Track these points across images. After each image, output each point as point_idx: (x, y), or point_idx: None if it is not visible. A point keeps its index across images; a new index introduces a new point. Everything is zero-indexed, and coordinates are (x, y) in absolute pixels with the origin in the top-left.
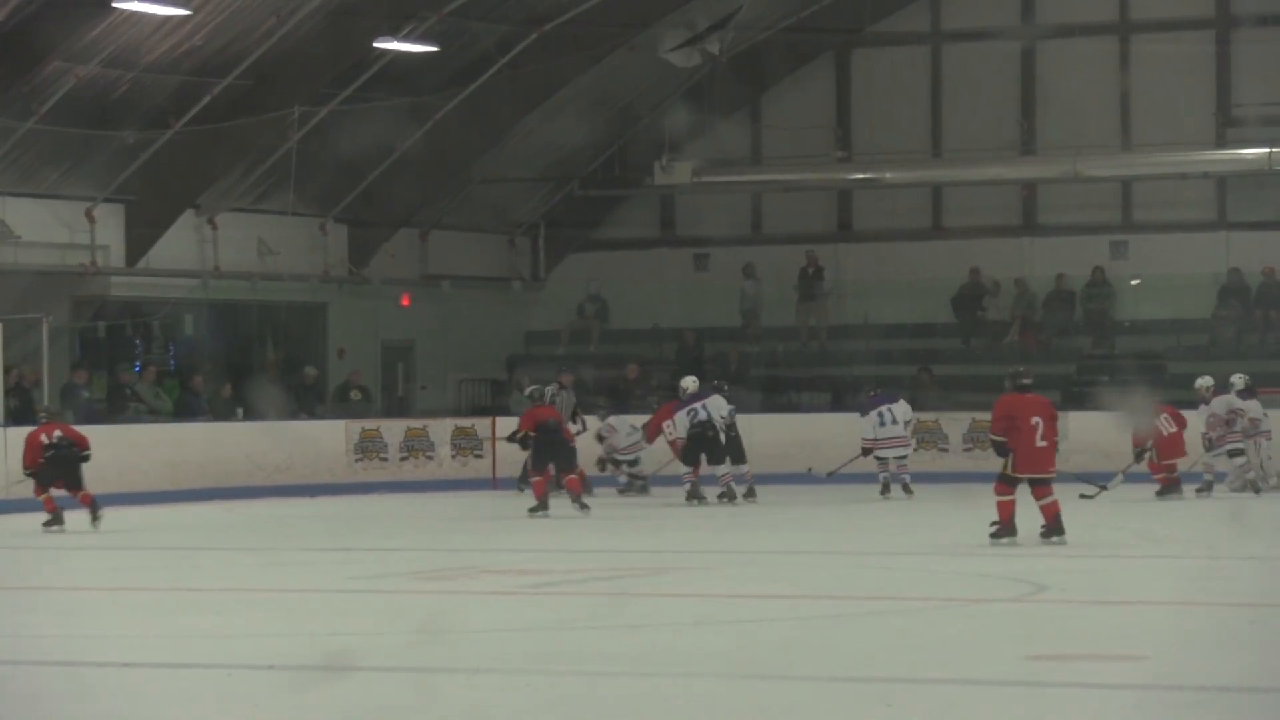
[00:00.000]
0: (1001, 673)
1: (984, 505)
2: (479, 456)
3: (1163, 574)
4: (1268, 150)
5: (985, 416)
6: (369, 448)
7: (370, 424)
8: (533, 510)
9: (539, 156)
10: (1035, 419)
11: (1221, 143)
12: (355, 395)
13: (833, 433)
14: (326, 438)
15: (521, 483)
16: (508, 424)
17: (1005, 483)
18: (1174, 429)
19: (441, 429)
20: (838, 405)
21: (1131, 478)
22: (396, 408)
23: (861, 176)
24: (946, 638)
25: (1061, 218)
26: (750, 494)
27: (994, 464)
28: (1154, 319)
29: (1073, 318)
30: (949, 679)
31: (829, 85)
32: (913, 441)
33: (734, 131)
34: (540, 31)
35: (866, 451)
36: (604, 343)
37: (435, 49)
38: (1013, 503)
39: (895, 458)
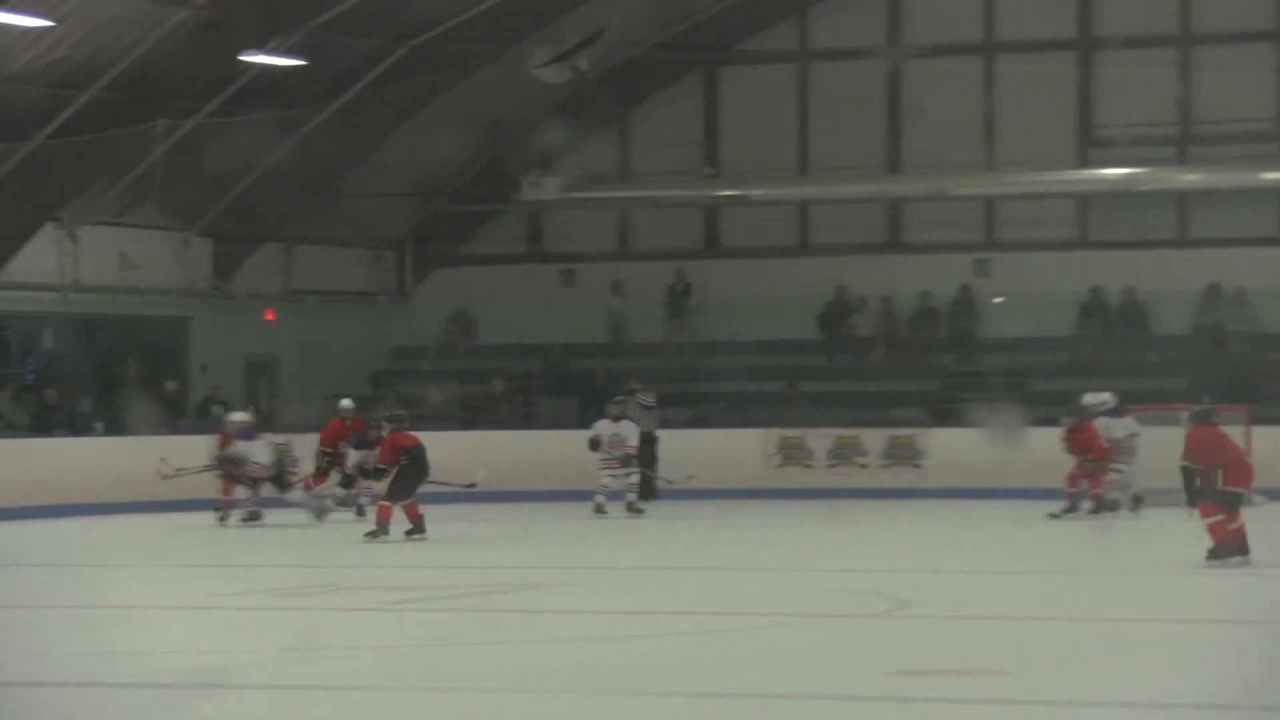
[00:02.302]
0: (864, 688)
1: (849, 520)
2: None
3: (1023, 590)
4: (1129, 170)
5: (849, 432)
6: None
7: None
8: (372, 534)
9: (407, 171)
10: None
11: (1084, 163)
12: (217, 410)
13: (701, 448)
14: (189, 453)
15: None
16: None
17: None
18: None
19: (305, 444)
20: (703, 422)
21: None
22: (260, 423)
23: (729, 193)
24: (811, 653)
25: (926, 236)
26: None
27: (856, 479)
28: (1017, 336)
29: (937, 335)
30: (813, 694)
31: (697, 102)
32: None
33: (602, 148)
34: (410, 46)
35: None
36: (471, 358)
37: (303, 63)
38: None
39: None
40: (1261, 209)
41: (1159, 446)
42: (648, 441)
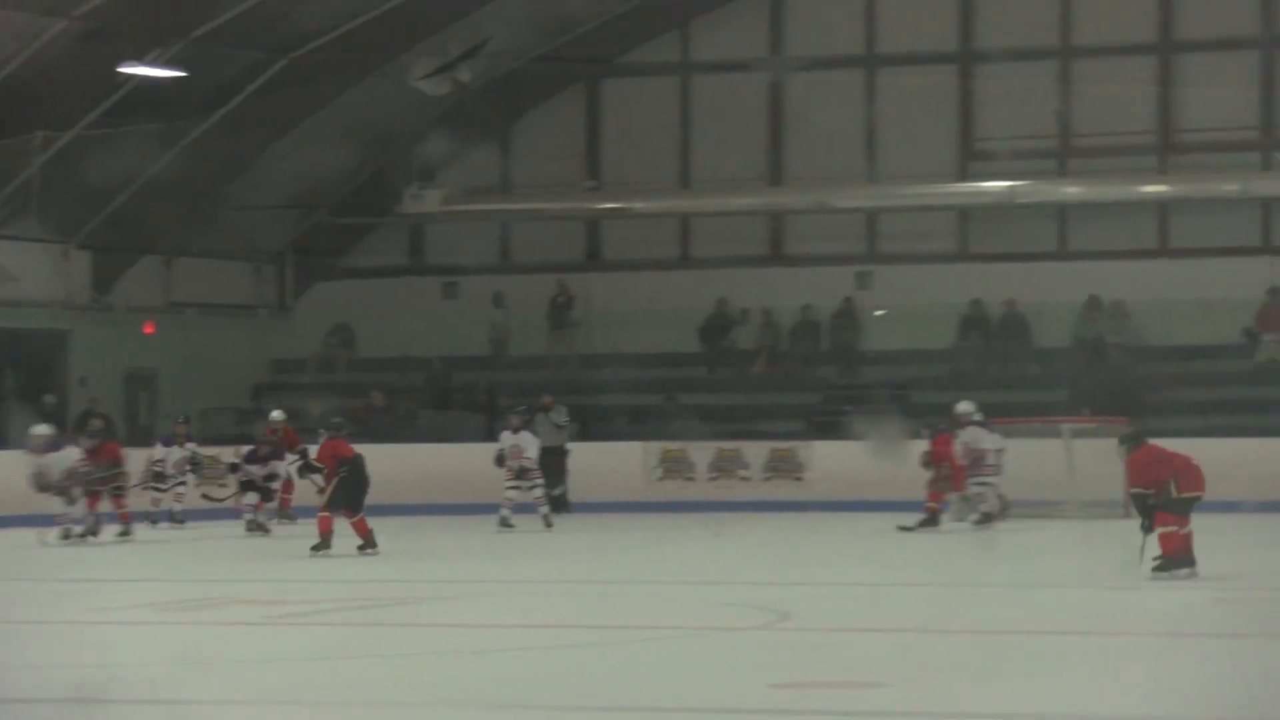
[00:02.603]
0: (746, 700)
1: (731, 532)
2: (223, 486)
3: (903, 601)
4: (1009, 183)
5: (730, 445)
6: None
7: None
8: (316, 548)
9: (288, 184)
10: None
11: (964, 175)
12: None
13: (583, 461)
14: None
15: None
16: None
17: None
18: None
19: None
20: (585, 435)
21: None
22: (139, 436)
23: (611, 206)
24: (693, 666)
25: (808, 248)
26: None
27: (738, 492)
28: (898, 349)
29: (818, 348)
30: (695, 707)
31: (579, 115)
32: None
33: (484, 160)
34: (291, 58)
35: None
36: (352, 371)
37: (184, 74)
38: None
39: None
40: (1141, 222)
41: (1040, 459)
42: (558, 455)
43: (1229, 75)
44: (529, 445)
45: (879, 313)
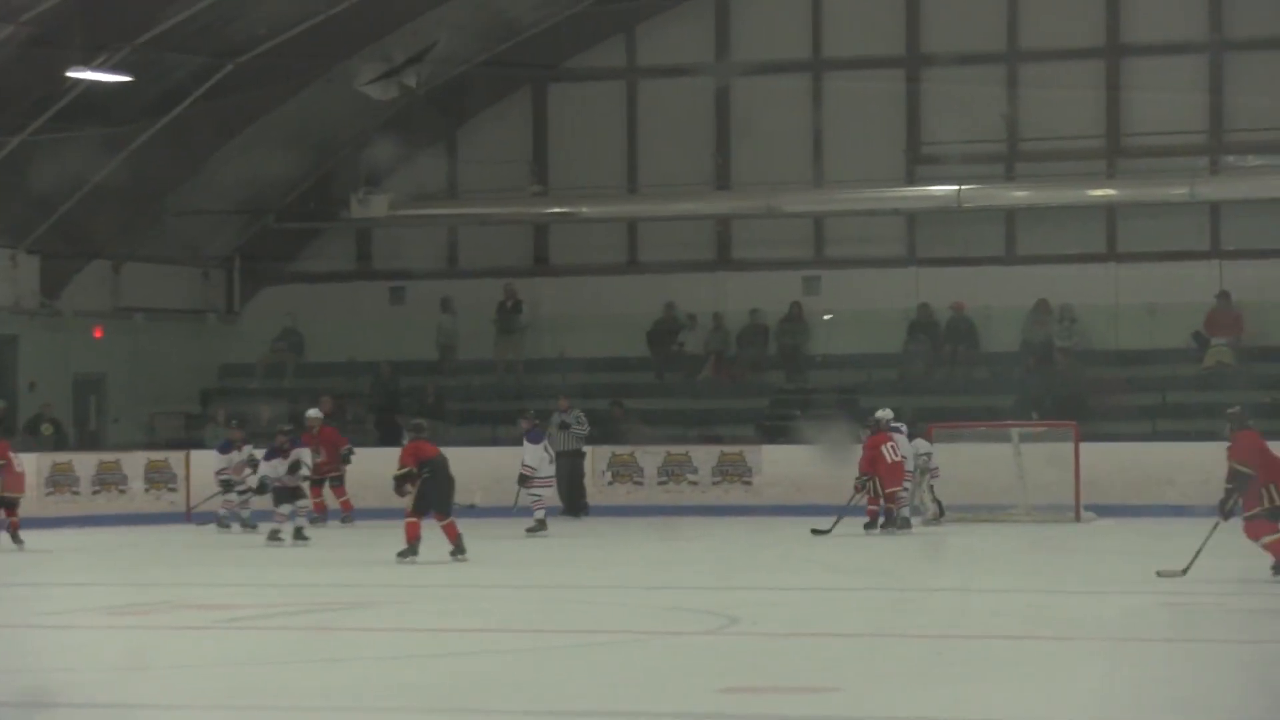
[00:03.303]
0: (694, 705)
1: (680, 537)
2: (173, 490)
3: (854, 606)
4: (956, 188)
5: (679, 449)
6: (60, 481)
7: (62, 457)
8: (403, 554)
9: (235, 189)
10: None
11: (912, 180)
12: (46, 429)
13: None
14: None
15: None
16: (202, 457)
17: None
18: (896, 458)
19: (134, 462)
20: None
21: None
22: (89, 441)
23: (558, 211)
24: (641, 671)
25: (756, 253)
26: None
27: (687, 496)
28: (846, 353)
29: (766, 352)
30: (644, 712)
31: (525, 119)
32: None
33: (431, 165)
34: (236, 63)
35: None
36: (299, 376)
37: (130, 79)
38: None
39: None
40: (1089, 225)
41: (988, 463)
42: (571, 459)
43: (1177, 79)
44: (526, 452)
45: (827, 317)
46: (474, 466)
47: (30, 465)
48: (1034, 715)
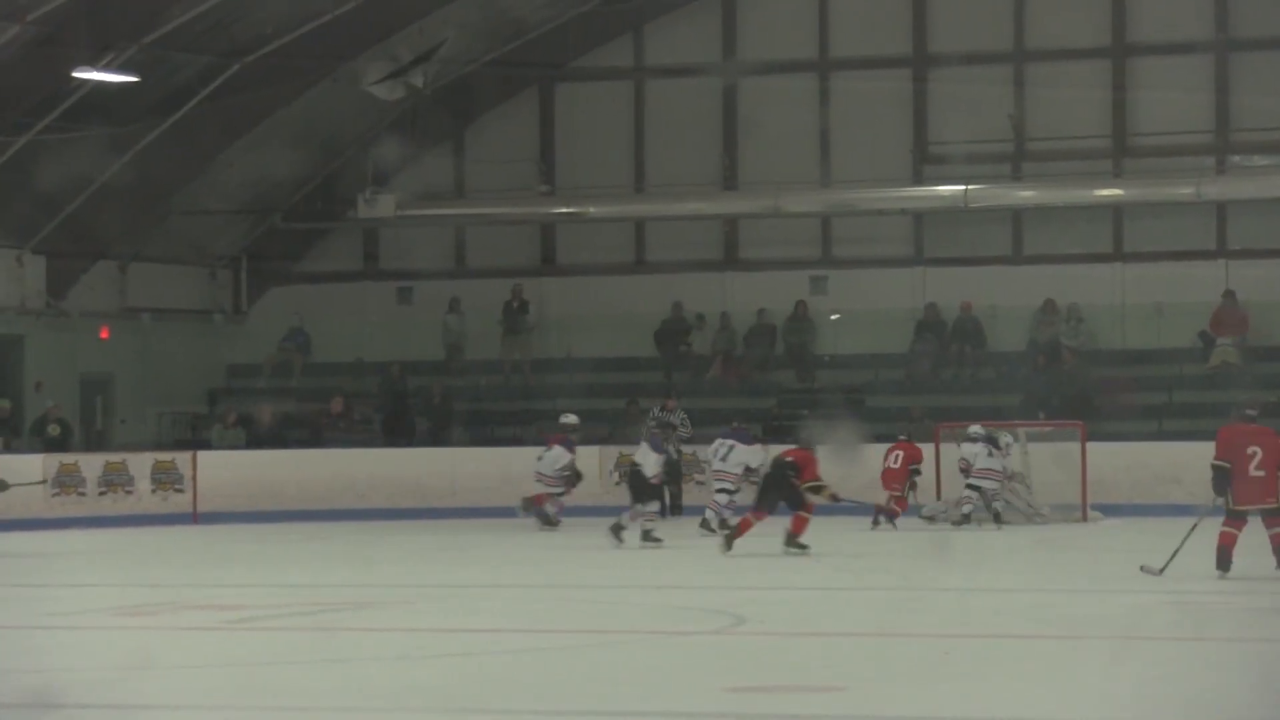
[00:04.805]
0: (701, 704)
1: (682, 538)
2: (179, 491)
3: (860, 605)
4: (964, 187)
5: (686, 449)
6: (67, 482)
7: (68, 458)
8: (727, 538)
9: (242, 189)
10: (1253, 449)
11: (919, 179)
12: (53, 429)
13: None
14: (24, 472)
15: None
16: (208, 458)
17: (1232, 517)
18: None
19: (141, 463)
20: (541, 439)
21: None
22: (95, 441)
23: (565, 210)
24: (648, 670)
25: (762, 253)
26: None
27: (694, 496)
28: (853, 353)
29: (774, 352)
30: (649, 711)
31: (533, 119)
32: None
33: (438, 165)
34: (243, 63)
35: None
36: (307, 376)
37: (136, 79)
38: (1234, 536)
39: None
40: (1096, 225)
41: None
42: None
43: (1183, 79)
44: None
45: (834, 317)
46: (478, 467)
47: (36, 466)
48: (1040, 714)
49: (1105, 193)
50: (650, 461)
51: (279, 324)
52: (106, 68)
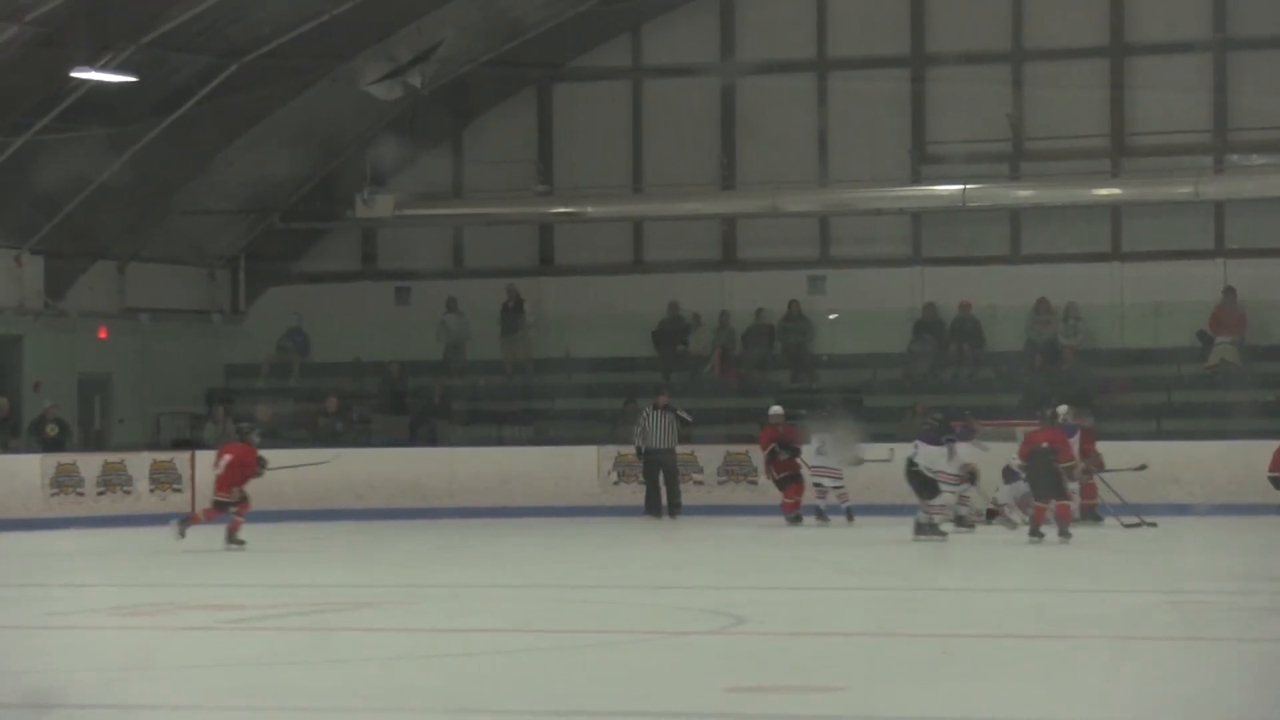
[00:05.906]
0: (699, 704)
1: (686, 537)
2: (178, 490)
3: (860, 606)
4: (962, 187)
5: (685, 449)
6: (65, 482)
7: (66, 458)
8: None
9: (240, 189)
10: None
11: (917, 179)
12: (52, 429)
13: (538, 465)
14: (22, 472)
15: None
16: (207, 457)
17: None
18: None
19: (140, 463)
20: (539, 440)
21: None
22: (94, 441)
23: (563, 210)
24: (646, 670)
25: (761, 252)
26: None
27: (685, 496)
28: (852, 353)
29: (772, 352)
30: (648, 711)
31: (531, 119)
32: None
33: (436, 165)
34: (241, 63)
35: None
36: (305, 376)
37: (134, 79)
38: None
39: (833, 486)
40: (1094, 225)
41: (994, 462)
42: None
43: (1181, 78)
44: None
45: (832, 316)
46: (477, 467)
47: (35, 466)
48: (1040, 714)
49: (1103, 192)
50: (932, 456)
51: (277, 324)
52: (105, 68)
